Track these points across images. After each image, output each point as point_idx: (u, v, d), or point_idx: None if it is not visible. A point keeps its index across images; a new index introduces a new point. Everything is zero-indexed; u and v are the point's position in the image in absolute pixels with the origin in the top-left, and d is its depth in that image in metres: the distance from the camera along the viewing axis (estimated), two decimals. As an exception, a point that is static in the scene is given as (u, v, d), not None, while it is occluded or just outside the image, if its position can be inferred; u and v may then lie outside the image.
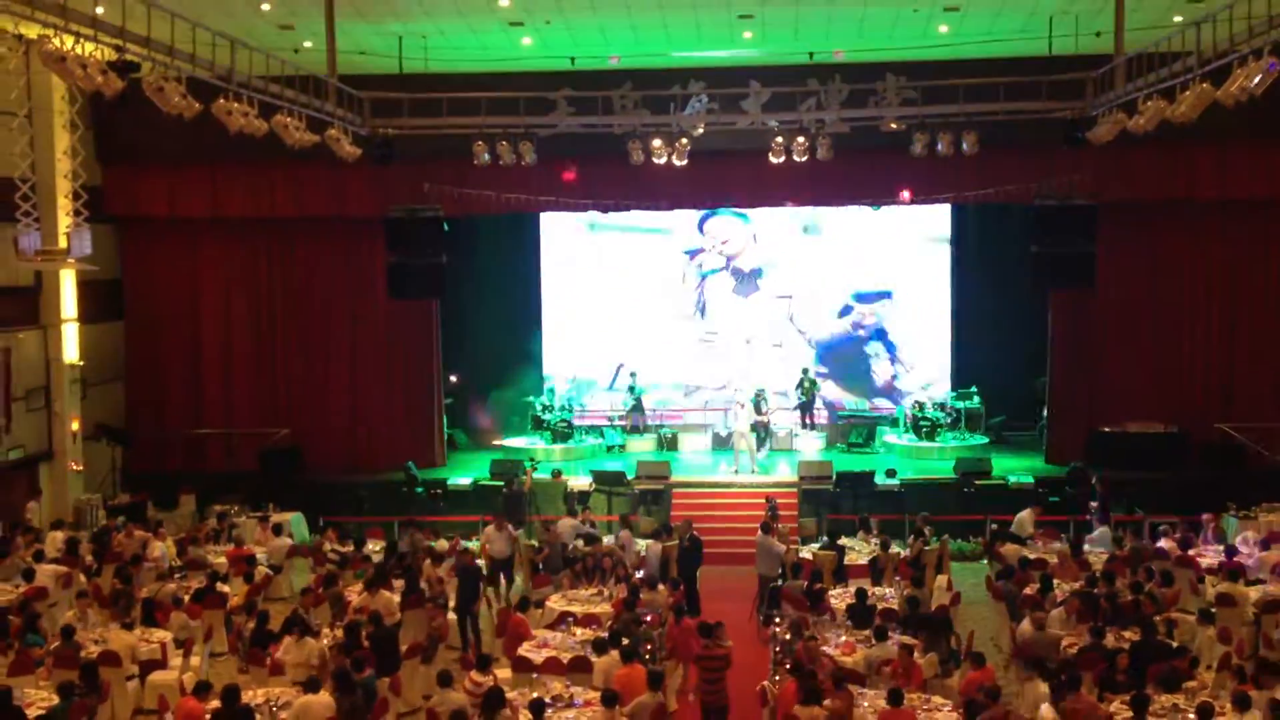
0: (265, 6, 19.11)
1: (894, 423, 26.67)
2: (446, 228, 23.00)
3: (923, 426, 25.62)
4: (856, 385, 27.68)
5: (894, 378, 27.47)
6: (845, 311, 27.58)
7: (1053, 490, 22.48)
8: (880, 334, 27.57)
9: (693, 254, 27.69)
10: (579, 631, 15.43)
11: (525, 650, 14.71)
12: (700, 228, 27.61)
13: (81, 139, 22.58)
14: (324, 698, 12.58)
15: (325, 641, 14.79)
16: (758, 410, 24.67)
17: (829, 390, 27.39)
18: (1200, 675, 13.72)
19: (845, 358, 27.73)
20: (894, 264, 27.39)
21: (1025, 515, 20.41)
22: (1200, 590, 17.38)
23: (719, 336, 27.81)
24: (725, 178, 23.96)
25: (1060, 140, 20.04)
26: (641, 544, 19.28)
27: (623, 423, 26.70)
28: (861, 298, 27.54)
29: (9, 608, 16.75)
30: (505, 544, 19.41)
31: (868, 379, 27.70)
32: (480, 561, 18.89)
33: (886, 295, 27.45)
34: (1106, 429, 24.06)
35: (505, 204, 23.61)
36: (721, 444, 25.87)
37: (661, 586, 16.92)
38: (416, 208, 22.78)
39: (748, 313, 27.78)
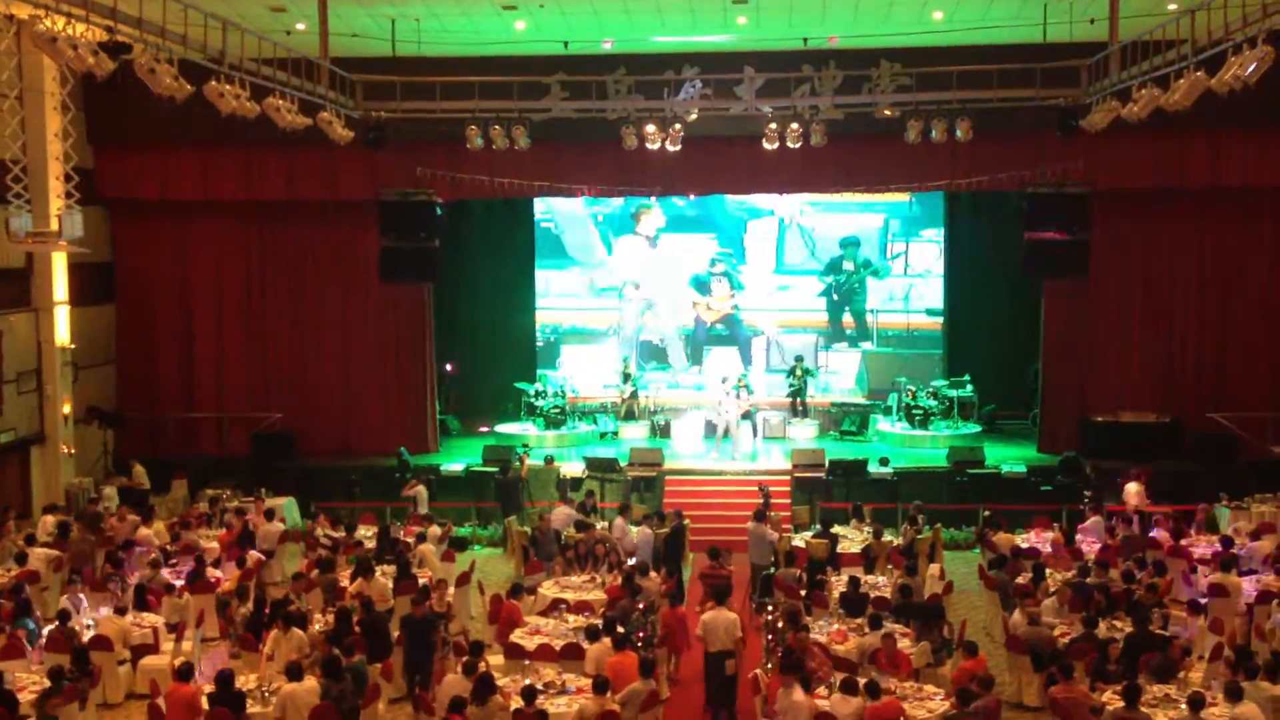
0: (258, -12, 19.03)
1: (887, 411, 26.65)
2: (439, 212, 22.94)
3: (915, 415, 25.61)
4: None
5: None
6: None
7: (1045, 480, 22.51)
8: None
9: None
10: (571, 618, 15.44)
11: (517, 637, 14.72)
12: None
13: (73, 121, 22.50)
14: (308, 684, 12.58)
15: (317, 627, 14.78)
16: (738, 397, 24.79)
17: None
18: (1192, 666, 13.74)
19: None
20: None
21: (1133, 487, 20.71)
22: (1193, 580, 17.40)
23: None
24: (718, 164, 23.90)
25: (1054, 128, 20.01)
26: (634, 531, 19.28)
27: (616, 409, 26.68)
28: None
29: (1, 591, 16.73)
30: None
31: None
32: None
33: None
34: (1099, 418, 24.05)
35: (498, 188, 23.57)
36: (714, 432, 25.86)
37: (654, 573, 16.92)
38: (409, 191, 22.69)
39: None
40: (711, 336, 28.07)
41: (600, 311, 28.11)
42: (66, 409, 23.14)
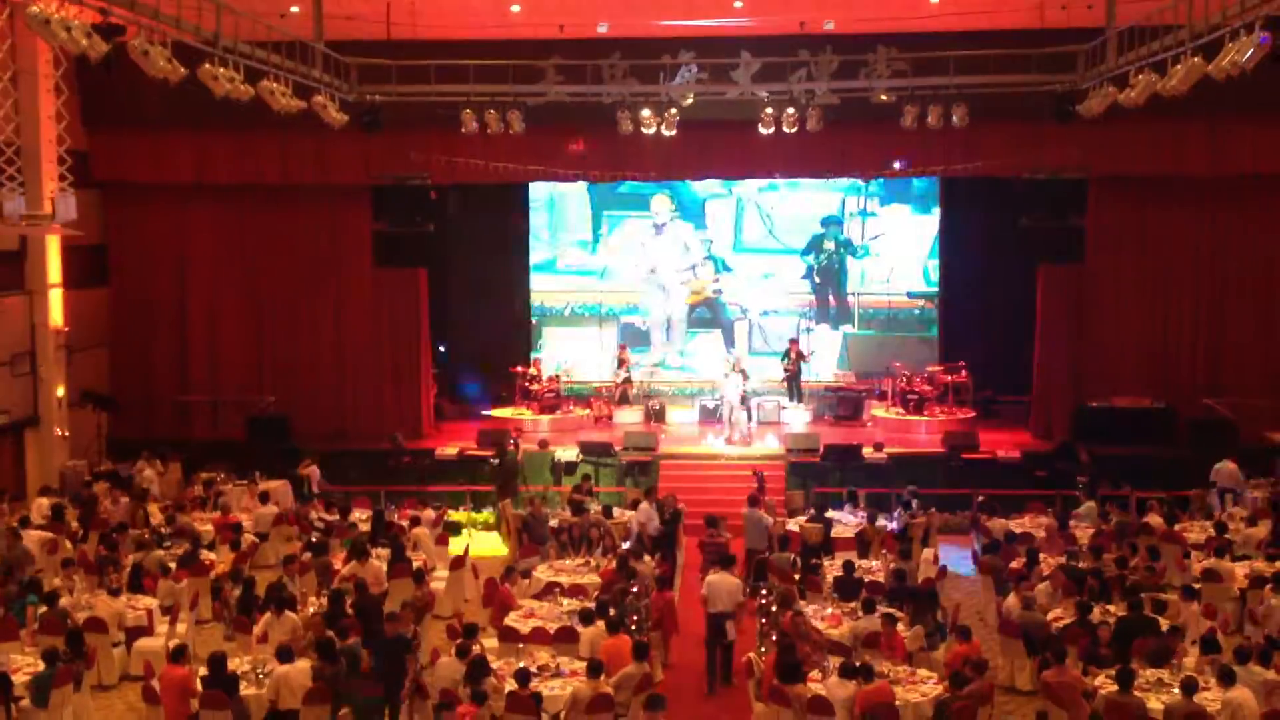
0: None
1: (881, 395, 26.65)
2: (434, 195, 22.86)
3: (910, 399, 25.61)
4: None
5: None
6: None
7: (1039, 465, 22.52)
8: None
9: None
10: (565, 602, 15.45)
11: (511, 620, 14.72)
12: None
13: (67, 103, 22.41)
14: (301, 666, 12.59)
15: (311, 609, 14.78)
16: (727, 377, 24.82)
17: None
18: (1185, 650, 13.75)
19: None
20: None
21: (1229, 466, 20.71)
22: (1187, 565, 17.43)
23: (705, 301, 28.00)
24: (714, 148, 23.87)
25: (1051, 113, 19.97)
26: (628, 514, 19.30)
27: (611, 393, 26.65)
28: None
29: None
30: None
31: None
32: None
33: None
34: (1094, 404, 24.07)
35: (493, 173, 23.52)
36: (709, 415, 25.87)
37: (648, 557, 16.95)
38: (404, 175, 22.61)
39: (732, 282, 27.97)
40: (694, 319, 28.04)
41: (585, 293, 28.02)
42: (60, 392, 23.10)
